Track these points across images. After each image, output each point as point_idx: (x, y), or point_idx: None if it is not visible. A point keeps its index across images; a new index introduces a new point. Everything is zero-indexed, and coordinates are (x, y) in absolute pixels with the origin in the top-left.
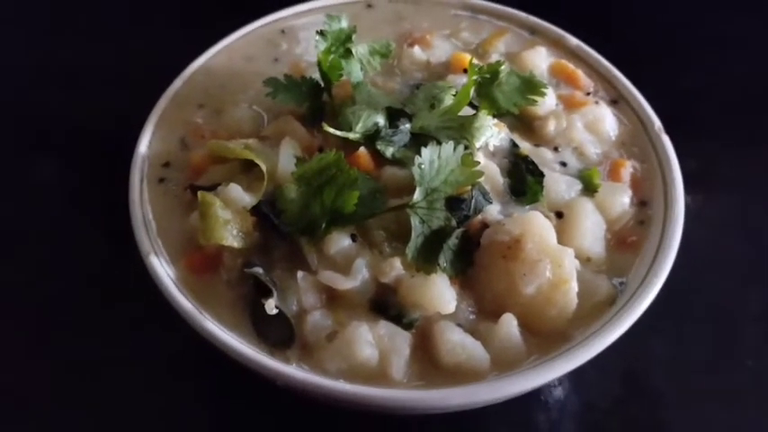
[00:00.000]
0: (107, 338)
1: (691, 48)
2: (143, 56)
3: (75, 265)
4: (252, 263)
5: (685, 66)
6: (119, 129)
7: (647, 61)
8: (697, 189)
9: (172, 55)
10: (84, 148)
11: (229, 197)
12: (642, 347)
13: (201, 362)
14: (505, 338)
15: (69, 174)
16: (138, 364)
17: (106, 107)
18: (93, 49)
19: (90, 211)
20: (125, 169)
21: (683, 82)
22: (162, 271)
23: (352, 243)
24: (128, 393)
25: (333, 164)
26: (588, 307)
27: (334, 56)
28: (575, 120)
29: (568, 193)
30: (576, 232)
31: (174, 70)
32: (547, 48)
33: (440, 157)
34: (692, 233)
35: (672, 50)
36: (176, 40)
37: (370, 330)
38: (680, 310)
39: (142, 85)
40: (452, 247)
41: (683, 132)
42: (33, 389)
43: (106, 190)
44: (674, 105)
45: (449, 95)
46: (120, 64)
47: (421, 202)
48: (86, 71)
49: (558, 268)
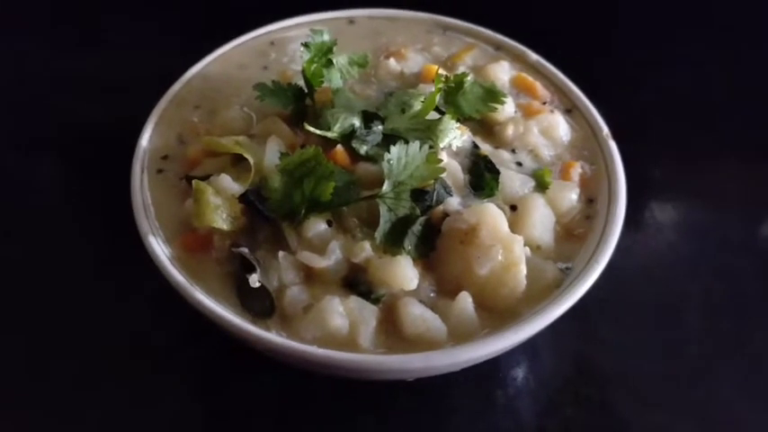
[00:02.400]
0: (108, 328)
1: (643, 64)
2: (146, 63)
3: (77, 253)
4: (239, 244)
5: (637, 80)
6: (123, 127)
7: (602, 76)
8: (645, 193)
9: (172, 62)
10: (90, 144)
11: (220, 186)
12: (593, 333)
13: (196, 339)
14: (461, 313)
15: (76, 167)
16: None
17: (112, 108)
18: (98, 58)
19: (92, 200)
20: (128, 162)
21: (635, 95)
22: (158, 249)
23: (328, 228)
24: (128, 378)
25: (312, 158)
26: (537, 288)
27: (316, 65)
28: (531, 126)
29: (522, 190)
30: (528, 223)
31: (174, 76)
32: (510, 62)
33: (407, 154)
34: (639, 232)
35: (625, 66)
36: (176, 49)
37: (341, 303)
38: (626, 300)
39: (145, 89)
40: (416, 233)
41: (632, 141)
42: (33, 378)
43: (110, 180)
44: (626, 116)
45: (418, 101)
46: (125, 70)
47: (389, 193)
48: (92, 77)
49: (508, 253)
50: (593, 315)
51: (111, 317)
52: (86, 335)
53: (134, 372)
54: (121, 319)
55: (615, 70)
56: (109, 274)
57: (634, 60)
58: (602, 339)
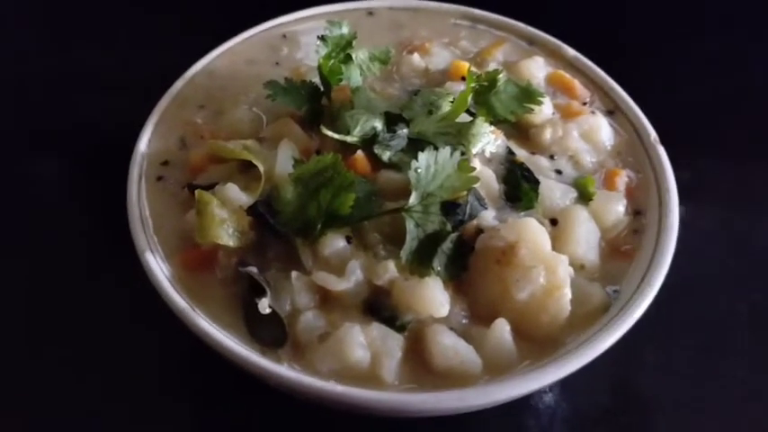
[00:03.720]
0: (102, 335)
1: (688, 62)
2: (147, 58)
3: (73, 260)
4: (246, 262)
5: (682, 80)
6: (120, 128)
7: (644, 74)
8: (687, 200)
9: (175, 57)
10: (85, 146)
11: (226, 196)
12: (633, 355)
13: (195, 361)
14: (498, 343)
15: (71, 170)
16: (131, 362)
17: (109, 107)
18: (97, 53)
19: (89, 207)
20: (125, 167)
21: (679, 95)
22: (157, 268)
23: (347, 245)
24: (120, 394)
25: (330, 166)
26: (581, 314)
27: (334, 61)
28: (571, 129)
29: (563, 201)
30: (571, 239)
31: (177, 72)
32: (544, 58)
33: (436, 162)
34: (683, 243)
35: (669, 65)
36: (180, 42)
37: (362, 332)
38: (670, 318)
39: (145, 86)
40: (447, 251)
41: (676, 144)
42: (30, 382)
43: (106, 186)
44: (669, 118)
45: (446, 102)
46: (124, 66)
47: (416, 206)
48: (90, 73)
49: (551, 275)
50: (632, 335)
51: (105, 334)
52: (78, 353)
53: (131, 395)
54: (117, 336)
55: (653, 67)
56: (104, 286)
57: (672, 57)
58: (643, 362)
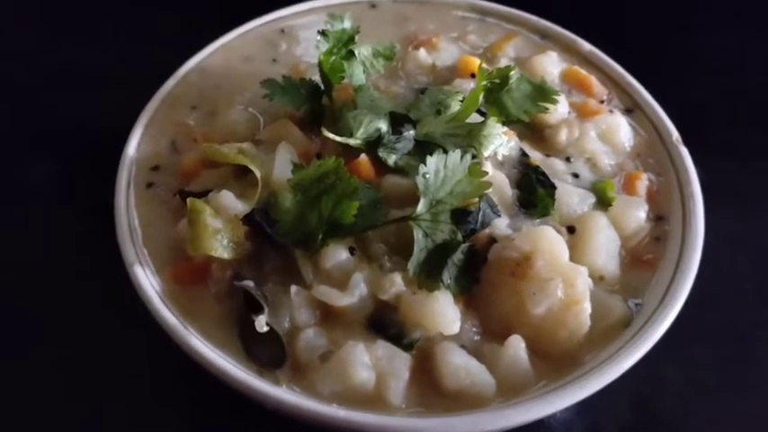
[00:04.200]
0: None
1: (706, 58)
2: (135, 54)
3: (60, 271)
4: (242, 275)
5: (699, 76)
6: (108, 130)
7: (661, 70)
8: (708, 203)
9: (165, 53)
10: (70, 150)
11: (220, 204)
12: (653, 369)
13: (188, 379)
14: (512, 362)
15: (55, 176)
16: (120, 378)
17: (96, 107)
18: (83, 47)
19: (76, 214)
20: (112, 172)
21: (697, 92)
22: (146, 282)
23: (350, 256)
24: (108, 411)
25: (332, 171)
26: (601, 329)
27: (335, 57)
28: (588, 129)
29: (581, 207)
30: (589, 249)
31: (168, 69)
32: (558, 53)
33: (446, 166)
34: (705, 249)
35: (687, 60)
36: (171, 38)
37: (366, 351)
38: (693, 330)
39: (133, 85)
40: (457, 262)
41: (695, 144)
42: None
43: (94, 192)
44: (686, 116)
45: (455, 101)
46: (111, 62)
47: (424, 215)
48: (75, 69)
49: (569, 288)
50: (653, 348)
51: (93, 347)
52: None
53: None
54: (106, 350)
55: (674, 63)
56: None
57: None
58: (665, 377)
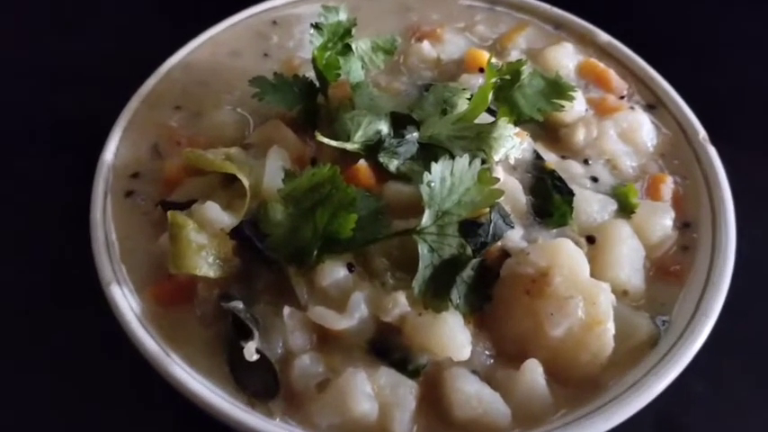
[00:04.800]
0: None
1: (730, 44)
2: (113, 48)
3: (35, 288)
4: (230, 295)
5: (724, 65)
6: (83, 132)
7: (683, 60)
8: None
9: (146, 47)
10: (42, 155)
11: (205, 217)
12: (681, 386)
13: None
14: (529, 389)
15: (26, 182)
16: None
17: (70, 106)
18: (57, 40)
19: (49, 226)
20: (88, 179)
21: (722, 84)
22: (124, 303)
23: (349, 274)
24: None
25: (326, 181)
26: (626, 350)
27: (330, 52)
28: (607, 127)
29: (601, 215)
30: (611, 261)
31: (149, 65)
32: (574, 44)
33: (452, 173)
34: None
35: (709, 48)
36: (152, 30)
37: (368, 379)
38: (722, 342)
39: (112, 82)
40: (467, 279)
41: (722, 142)
42: None
43: (67, 202)
44: (712, 111)
45: (462, 99)
46: (88, 57)
47: (430, 227)
48: (49, 65)
49: (591, 307)
50: None
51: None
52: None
53: None
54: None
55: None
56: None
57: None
58: (693, 394)
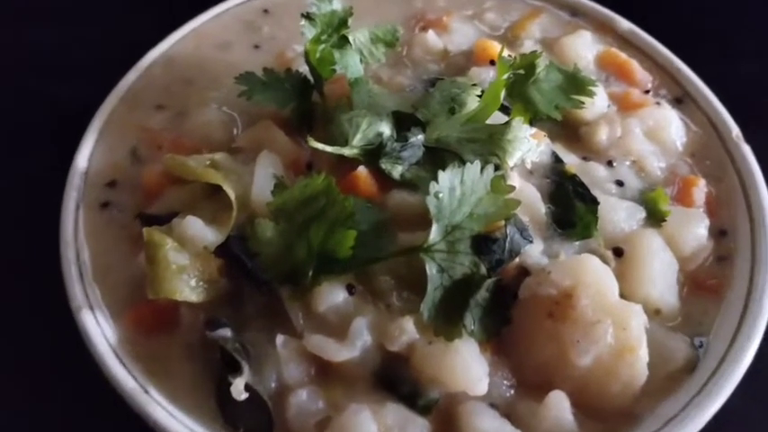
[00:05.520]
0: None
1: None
2: (87, 39)
3: None
4: (217, 320)
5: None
6: (55, 135)
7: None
8: None
9: (126, 40)
10: (8, 161)
11: (186, 234)
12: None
13: None
14: (554, 425)
15: None
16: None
17: (42, 104)
18: (30, 31)
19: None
20: (58, 190)
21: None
22: (97, 332)
23: (349, 296)
24: None
25: (320, 193)
26: (661, 378)
27: (325, 45)
28: (632, 125)
29: (629, 224)
30: (642, 277)
31: (128, 59)
32: (592, 33)
33: (462, 181)
34: None
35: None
36: (132, 20)
37: (374, 417)
38: None
39: (88, 78)
40: (482, 302)
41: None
42: None
43: (36, 214)
44: (744, 104)
45: (472, 96)
46: (63, 50)
47: (439, 244)
48: (21, 58)
49: (621, 331)
50: None
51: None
52: None
53: None
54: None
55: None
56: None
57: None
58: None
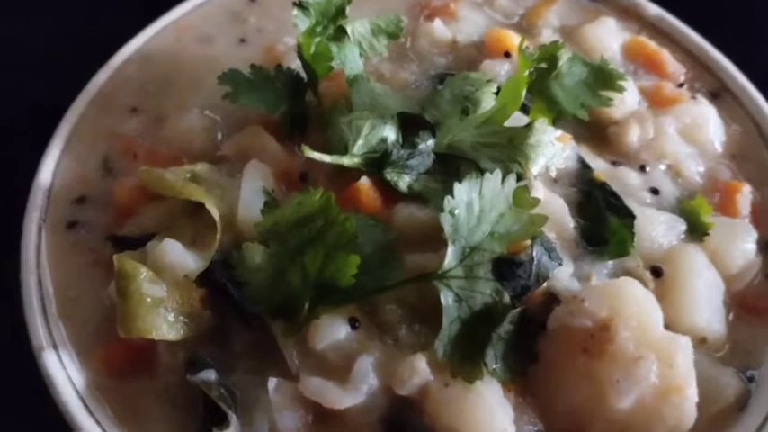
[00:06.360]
0: None
1: None
2: (59, 34)
3: None
4: (200, 361)
5: None
6: (17, 144)
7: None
8: None
9: (98, 33)
10: None
11: (163, 261)
12: None
13: None
14: None
15: None
16: None
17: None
18: None
19: None
20: (18, 208)
21: None
22: (61, 376)
23: (351, 331)
24: None
25: (318, 211)
26: (708, 417)
27: (320, 38)
28: (665, 124)
29: (668, 239)
30: (686, 301)
31: (99, 56)
32: (616, 19)
33: (481, 195)
34: None
35: None
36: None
37: None
38: None
39: (55, 77)
40: (505, 336)
41: None
42: None
43: None
44: None
45: (488, 94)
46: (28, 45)
47: (455, 269)
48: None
49: (667, 369)
50: None
51: None
52: None
53: None
54: None
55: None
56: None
57: None
58: None
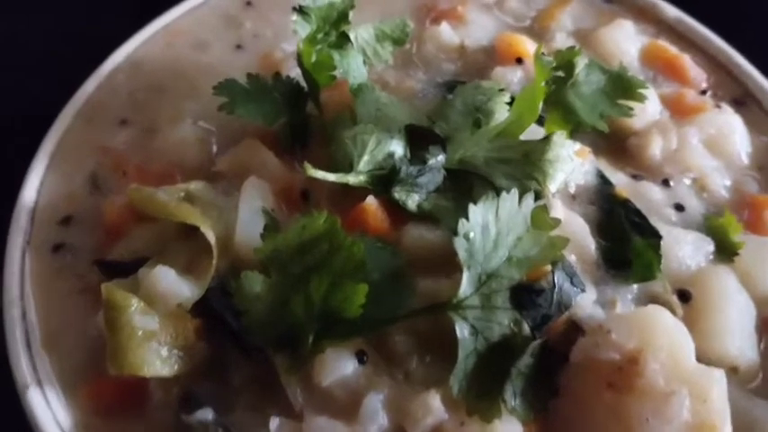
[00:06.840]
0: None
1: None
2: (59, 34)
3: None
4: (195, 398)
5: None
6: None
7: None
8: None
9: (98, 34)
10: None
11: (156, 290)
12: None
13: None
14: None
15: None
16: None
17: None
18: None
19: None
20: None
21: None
22: (47, 416)
23: (359, 366)
24: None
25: (323, 236)
26: None
27: (322, 46)
28: (689, 135)
29: (695, 260)
30: (716, 329)
31: (88, 63)
32: (633, 22)
33: (498, 216)
34: None
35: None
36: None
37: None
38: None
39: (41, 86)
40: (525, 370)
41: None
42: None
43: None
44: None
45: (501, 104)
46: (28, 45)
47: (471, 298)
48: None
49: (701, 404)
50: None
51: None
52: None
53: None
54: None
55: None
56: None
57: None
58: None
